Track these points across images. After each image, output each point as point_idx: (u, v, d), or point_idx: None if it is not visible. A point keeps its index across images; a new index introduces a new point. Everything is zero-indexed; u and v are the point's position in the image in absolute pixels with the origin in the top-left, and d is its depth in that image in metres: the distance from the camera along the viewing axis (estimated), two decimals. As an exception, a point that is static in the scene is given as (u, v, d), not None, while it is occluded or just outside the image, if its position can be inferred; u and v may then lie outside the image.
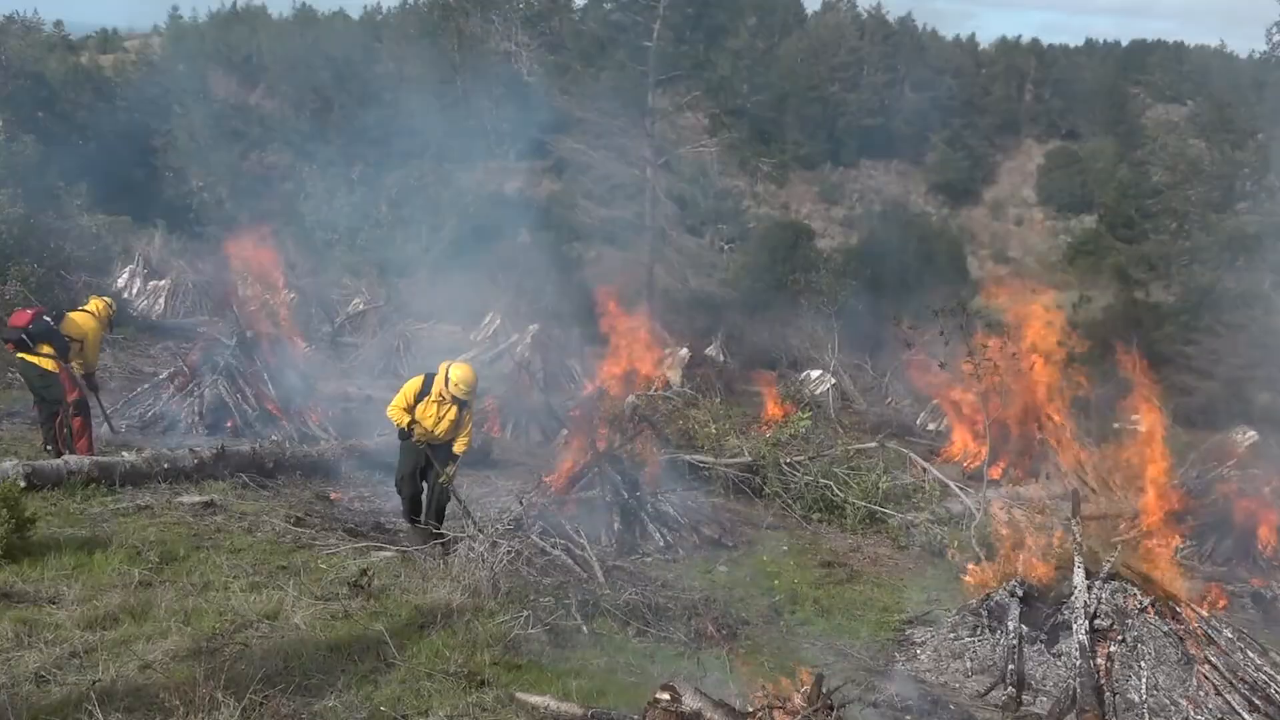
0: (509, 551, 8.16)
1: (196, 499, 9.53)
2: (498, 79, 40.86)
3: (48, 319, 10.47)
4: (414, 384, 9.56)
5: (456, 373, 9.55)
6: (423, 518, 9.51)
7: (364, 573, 7.61)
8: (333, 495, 11.29)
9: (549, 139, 39.40)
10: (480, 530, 8.55)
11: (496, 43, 45.22)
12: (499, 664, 6.45)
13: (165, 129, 36.57)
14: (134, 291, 23.83)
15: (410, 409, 9.48)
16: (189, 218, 32.42)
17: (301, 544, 8.66)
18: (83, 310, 11.17)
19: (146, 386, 14.29)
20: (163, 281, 24.28)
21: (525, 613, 7.26)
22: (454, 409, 9.54)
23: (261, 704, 5.29)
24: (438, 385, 9.44)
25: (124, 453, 10.23)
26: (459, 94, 40.37)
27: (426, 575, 8.03)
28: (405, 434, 9.60)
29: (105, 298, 12.03)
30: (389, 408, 9.64)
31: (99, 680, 5.34)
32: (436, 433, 9.53)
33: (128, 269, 24.56)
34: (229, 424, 13.39)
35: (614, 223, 40.43)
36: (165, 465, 10.09)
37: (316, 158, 34.22)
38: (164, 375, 14.44)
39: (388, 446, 12.81)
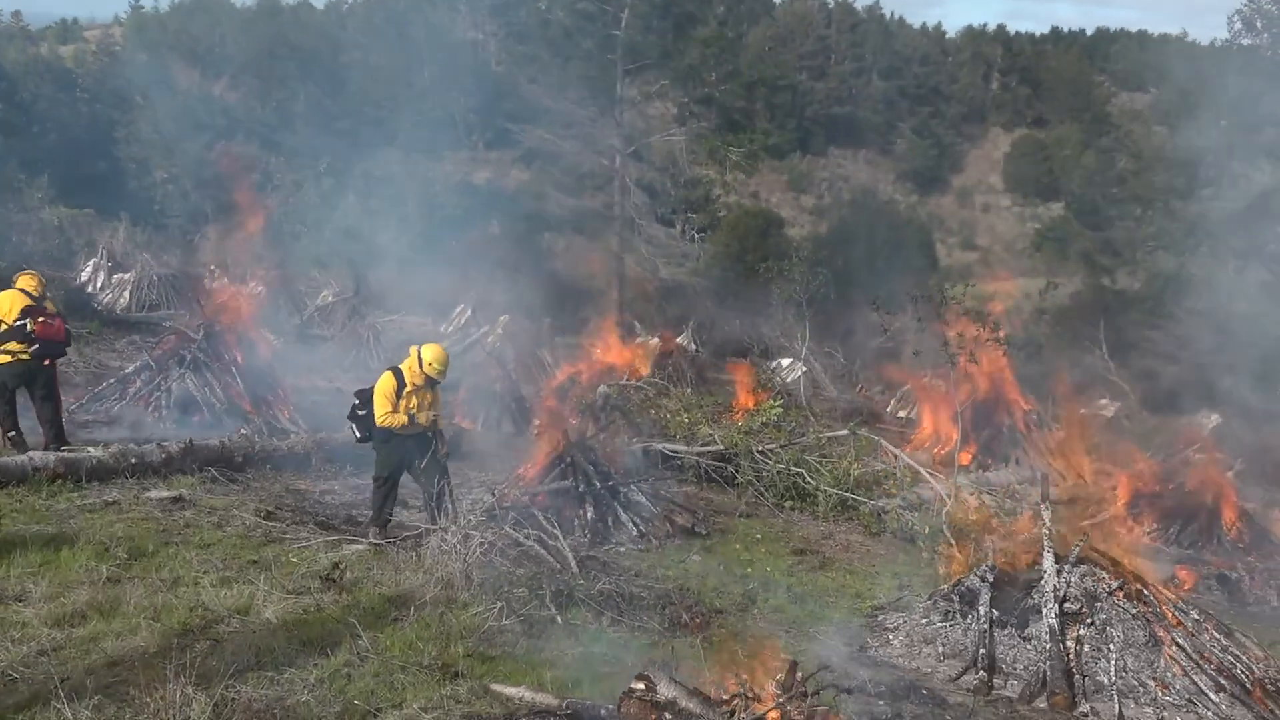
0: (482, 543, 8.13)
1: (165, 494, 9.43)
2: (465, 69, 40.60)
3: None
4: (389, 383, 9.32)
5: (430, 353, 9.45)
6: (437, 516, 9.25)
7: (336, 566, 7.57)
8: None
9: (517, 129, 39.19)
10: (453, 522, 8.52)
11: (463, 32, 44.95)
12: (473, 655, 6.43)
13: (128, 120, 36.11)
14: (98, 285, 23.54)
15: (397, 407, 9.33)
16: (153, 210, 32.05)
17: (272, 538, 8.59)
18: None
19: (112, 381, 14.11)
20: (128, 275, 23.99)
21: (499, 604, 7.24)
22: (430, 393, 9.46)
23: (233, 699, 5.26)
24: (410, 374, 9.33)
25: (90, 448, 10.10)
26: (426, 84, 40.09)
27: (399, 568, 8.00)
28: (388, 434, 9.38)
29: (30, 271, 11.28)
30: (378, 417, 9.26)
31: (68, 678, 5.28)
32: (422, 422, 9.39)
33: (91, 262, 24.26)
34: (197, 418, 13.26)
35: (583, 212, 40.34)
36: (133, 460, 9.98)
37: (283, 149, 33.92)
38: (130, 370, 14.27)
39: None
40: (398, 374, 9.37)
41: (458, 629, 6.77)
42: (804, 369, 25.69)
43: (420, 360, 9.38)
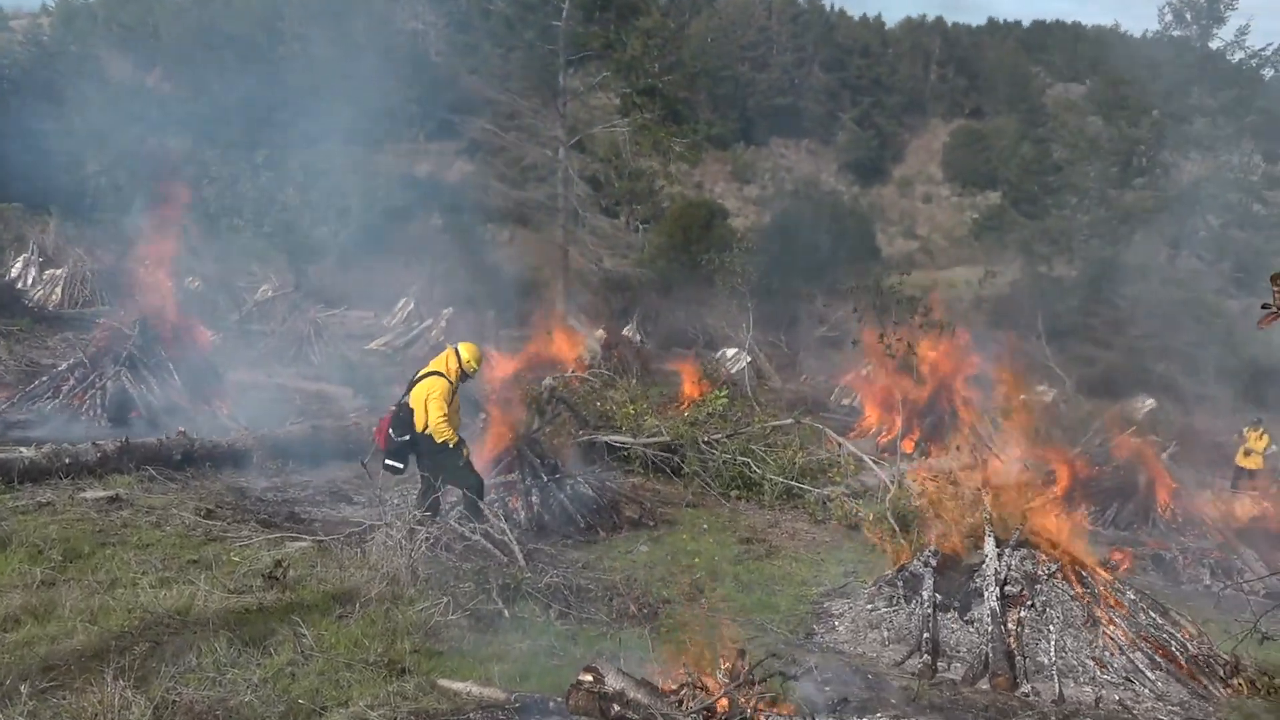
0: (428, 538, 8.07)
1: (101, 494, 9.24)
2: (405, 60, 40.13)
3: None
4: (441, 386, 9.10)
5: (469, 351, 9.37)
6: (468, 517, 9.11)
7: (278, 564, 7.46)
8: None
9: (459, 120, 38.89)
10: (398, 517, 8.44)
11: (403, 22, 44.42)
12: (419, 651, 6.39)
13: (57, 113, 35.18)
14: (29, 281, 23.01)
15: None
16: (85, 204, 31.29)
17: (213, 537, 8.45)
18: None
19: (45, 379, 13.79)
20: (59, 270, 23.48)
21: (445, 599, 7.19)
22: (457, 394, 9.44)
23: (174, 701, 5.17)
24: (450, 376, 9.19)
25: (22, 449, 9.85)
26: (366, 75, 39.58)
27: (343, 565, 7.91)
28: (459, 444, 9.30)
29: None
30: (438, 426, 9.04)
31: (1, 684, 5.16)
32: (455, 425, 9.35)
33: (21, 258, 23.71)
34: (134, 414, 13.01)
35: (527, 204, 40.19)
36: (67, 460, 9.75)
37: (219, 141, 33.26)
38: (63, 367, 13.95)
39: (299, 435, 12.63)
40: (443, 376, 9.19)
41: (404, 625, 6.71)
42: (748, 359, 25.85)
43: (459, 358, 9.23)
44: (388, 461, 9.30)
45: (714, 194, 54.60)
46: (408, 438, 9.15)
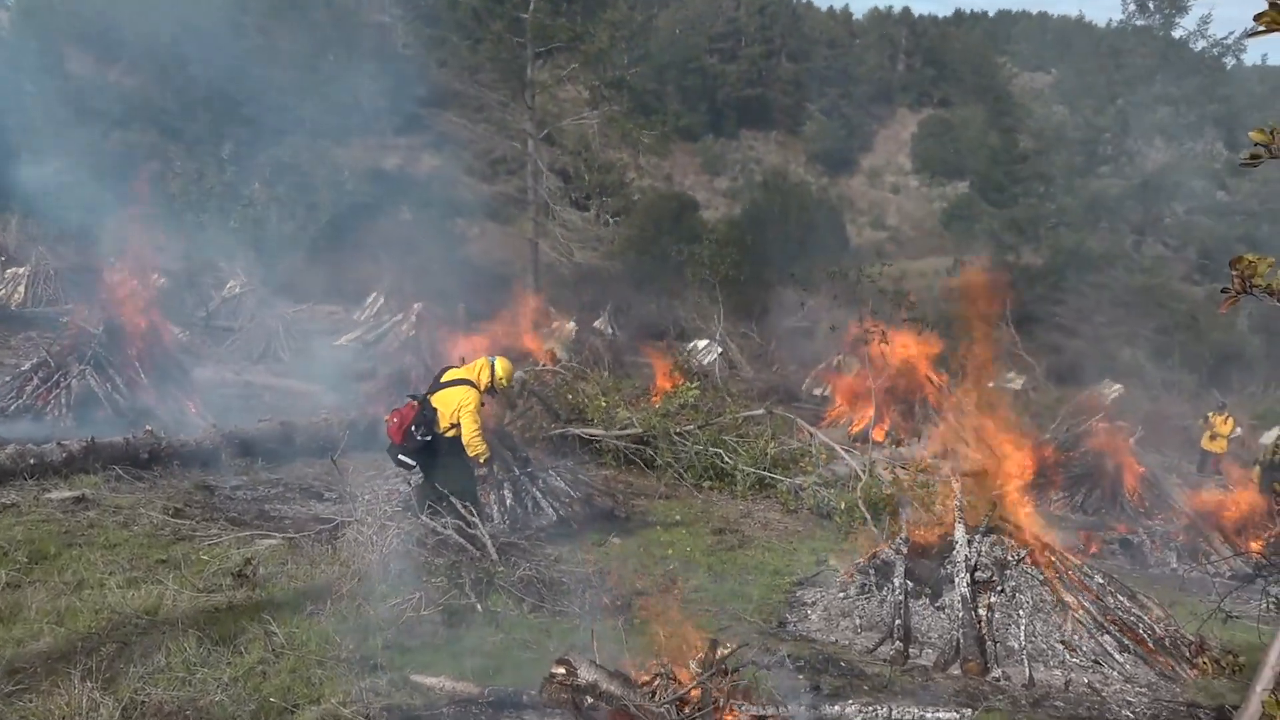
0: (399, 533, 8.03)
1: (66, 494, 9.12)
2: (372, 53, 39.85)
3: None
4: (474, 398, 9.06)
5: (505, 368, 9.39)
6: (441, 513, 9.02)
7: (248, 562, 7.42)
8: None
9: (427, 113, 38.69)
10: (369, 513, 8.40)
11: (369, 15, 44.10)
12: (392, 647, 6.36)
13: (18, 109, 34.69)
14: (-9, 280, 22.69)
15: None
16: (48, 201, 30.88)
17: (181, 536, 8.37)
18: None
19: (8, 379, 13.60)
20: (22, 269, 23.17)
21: (417, 594, 7.16)
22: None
23: (143, 702, 5.12)
24: (481, 387, 9.19)
25: (-15, 450, 9.72)
26: (332, 69, 39.28)
27: (314, 562, 7.87)
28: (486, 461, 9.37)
29: None
30: (474, 441, 9.06)
31: (-34, 688, 5.10)
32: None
33: (-17, 256, 23.36)
34: (100, 414, 12.85)
35: (497, 198, 40.03)
36: (31, 460, 9.63)
37: (184, 136, 32.95)
38: (27, 366, 13.77)
39: (269, 432, 12.54)
40: (474, 387, 9.13)
41: (375, 621, 6.68)
42: (720, 350, 25.90)
43: (493, 373, 9.21)
44: (400, 456, 9.23)
45: (684, 186, 54.60)
46: (429, 438, 9.07)
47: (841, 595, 8.90)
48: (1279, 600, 3.48)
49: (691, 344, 27.10)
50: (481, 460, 9.23)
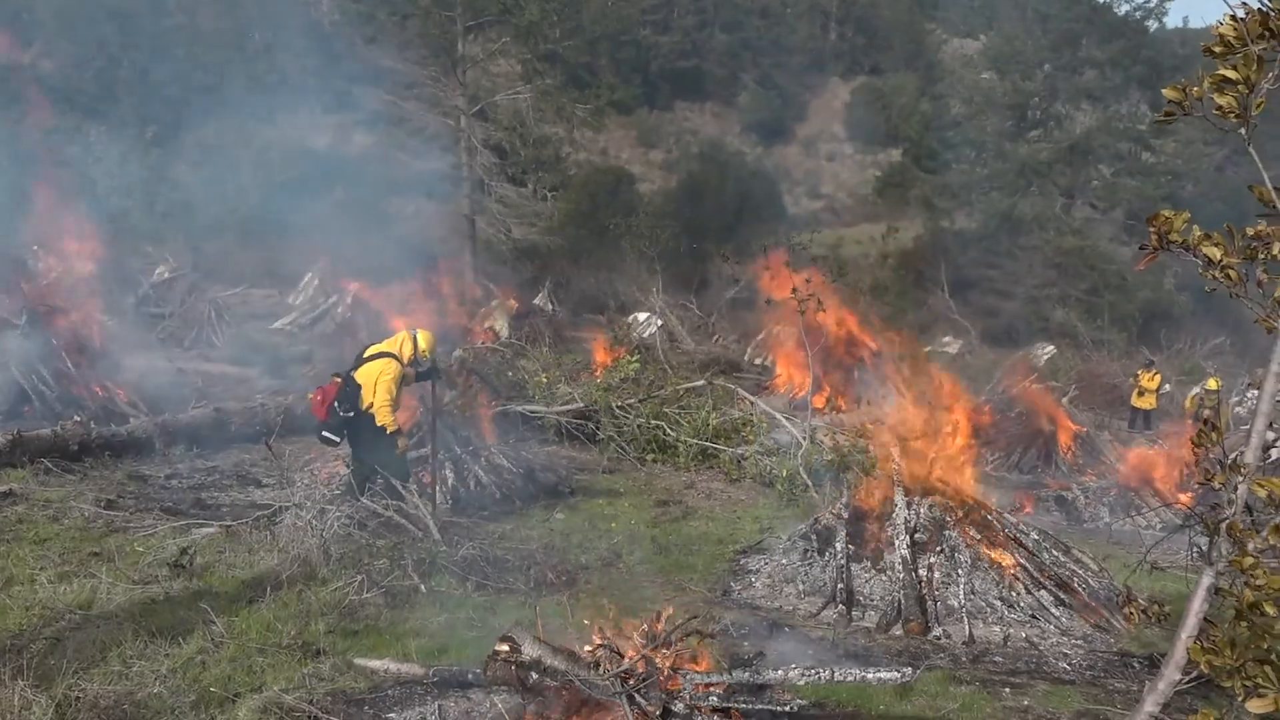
0: (339, 516, 7.96)
1: (-7, 490, 8.91)
2: (298, 30, 39.05)
3: None
4: (394, 370, 9.09)
5: (428, 339, 9.40)
6: (381, 494, 9.05)
7: (184, 552, 7.30)
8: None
9: (357, 91, 37.99)
10: (308, 498, 8.31)
11: (294, -9, 43.18)
12: (335, 632, 6.32)
13: (-72, 93, 33.51)
14: (-95, 272, 21.92)
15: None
16: (-37, 189, 29.94)
17: (115, 528, 8.22)
18: None
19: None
20: (-61, 260, 22.42)
21: (359, 577, 7.11)
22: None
23: (78, 698, 5.02)
24: (404, 360, 9.18)
25: (-95, 447, 9.45)
26: (257, 47, 38.44)
27: (253, 549, 7.76)
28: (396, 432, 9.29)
29: None
30: (385, 413, 9.07)
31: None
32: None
33: (-104, 248, 22.55)
34: (26, 409, 12.54)
35: (431, 175, 39.47)
36: (-45, 457, 9.38)
37: (107, 119, 32.05)
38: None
39: (203, 419, 12.33)
40: (396, 359, 9.11)
41: (318, 606, 6.62)
42: (660, 323, 25.92)
43: (415, 346, 9.17)
44: (324, 433, 9.21)
45: (620, 159, 54.36)
46: (352, 414, 9.06)
47: (785, 561, 8.98)
48: (1201, 550, 3.59)
49: (632, 317, 27.09)
50: (389, 431, 9.15)
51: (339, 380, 9.20)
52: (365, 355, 9.34)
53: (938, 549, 8.47)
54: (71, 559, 7.29)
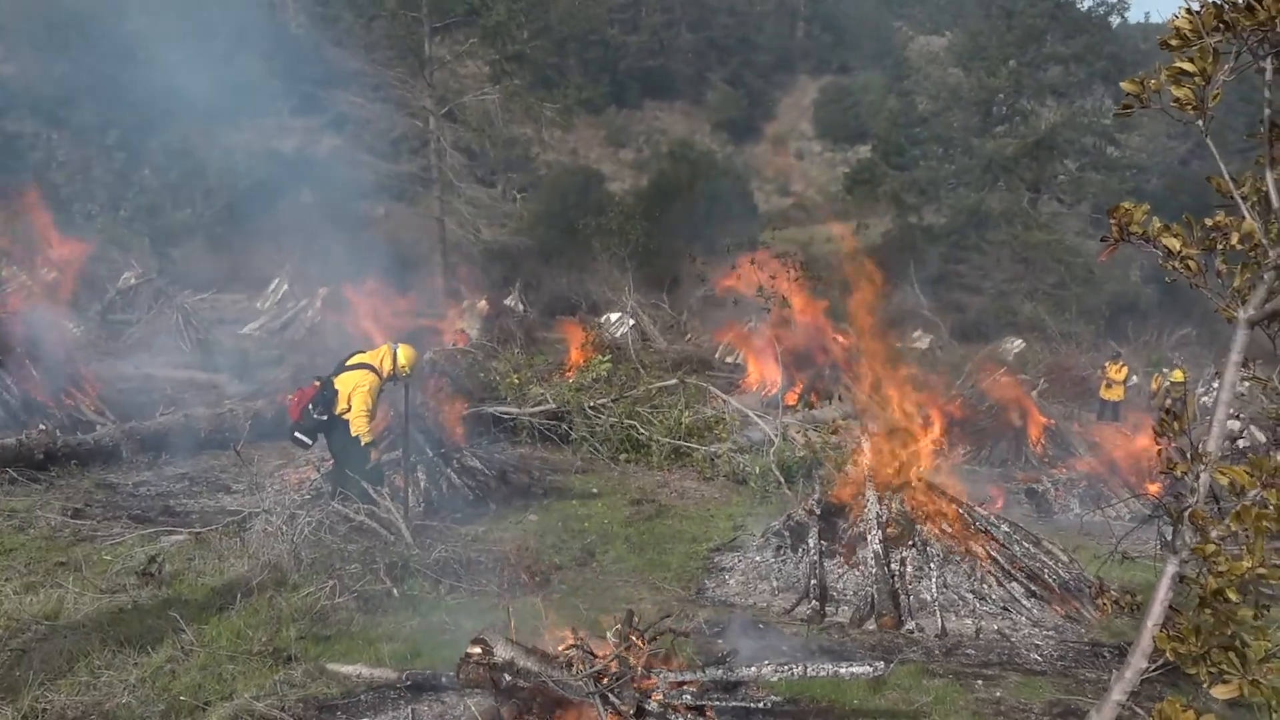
0: (309, 521, 7.90)
1: (-43, 501, 8.79)
2: (263, 33, 38.75)
3: None
4: (373, 381, 9.15)
5: (409, 355, 9.39)
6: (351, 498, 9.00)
7: (153, 560, 7.23)
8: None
9: (324, 93, 37.82)
10: (278, 503, 8.24)
11: (259, -6, 42.86)
12: (306, 637, 6.27)
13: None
14: None
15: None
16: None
17: (82, 537, 8.13)
18: None
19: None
20: (-101, 268, 22.08)
21: (331, 582, 7.06)
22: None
23: (44, 710, 4.96)
24: (383, 373, 9.21)
25: None
26: (222, 50, 38.12)
27: (223, 556, 7.70)
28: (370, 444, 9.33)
29: None
30: (363, 425, 9.12)
31: None
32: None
33: None
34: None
35: (400, 177, 39.35)
36: (-83, 468, 9.24)
37: (69, 124, 31.68)
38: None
39: (171, 426, 12.21)
40: (375, 372, 9.14)
41: (289, 612, 6.57)
42: (632, 322, 25.89)
43: (395, 361, 9.21)
44: (296, 434, 9.21)
45: (589, 159, 54.36)
46: (326, 417, 9.13)
47: (758, 559, 9.01)
48: (1166, 539, 3.62)
49: (603, 317, 27.05)
50: (363, 441, 9.17)
51: (318, 383, 9.24)
52: (347, 363, 9.39)
53: (910, 543, 8.52)
54: (38, 569, 7.20)
